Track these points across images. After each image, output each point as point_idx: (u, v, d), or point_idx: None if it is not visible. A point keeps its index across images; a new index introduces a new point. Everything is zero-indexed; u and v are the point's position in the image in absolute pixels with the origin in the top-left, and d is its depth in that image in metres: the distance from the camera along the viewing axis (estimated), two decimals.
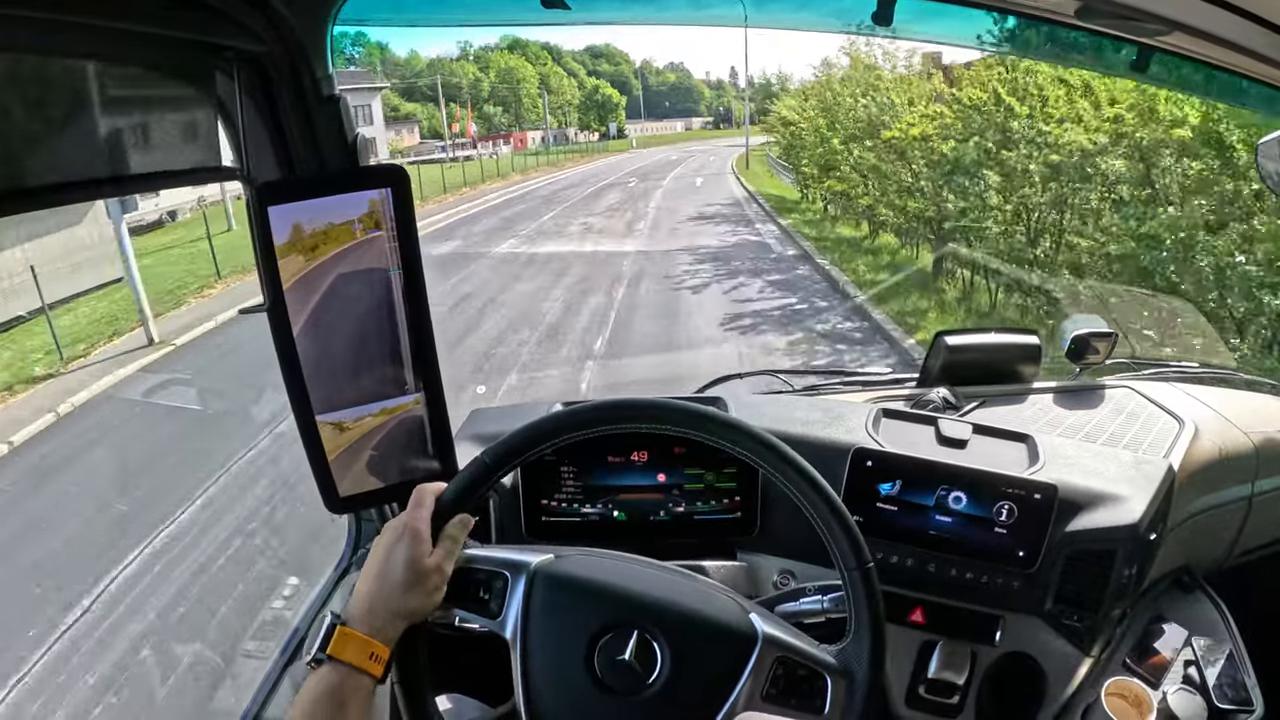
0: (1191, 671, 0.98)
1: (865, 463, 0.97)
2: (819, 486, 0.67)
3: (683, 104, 60.66)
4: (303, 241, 0.75)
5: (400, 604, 0.63)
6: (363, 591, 0.64)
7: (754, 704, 0.64)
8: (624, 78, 54.54)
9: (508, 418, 1.14)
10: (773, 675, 0.65)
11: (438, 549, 0.66)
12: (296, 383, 0.78)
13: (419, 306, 0.81)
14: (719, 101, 62.07)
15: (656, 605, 0.66)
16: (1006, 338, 1.23)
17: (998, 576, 0.94)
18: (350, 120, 0.80)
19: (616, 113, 51.43)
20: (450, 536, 0.67)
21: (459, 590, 0.67)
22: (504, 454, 0.69)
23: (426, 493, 0.69)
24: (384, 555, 0.65)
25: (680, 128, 57.18)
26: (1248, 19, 0.66)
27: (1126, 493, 0.95)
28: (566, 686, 0.64)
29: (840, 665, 0.65)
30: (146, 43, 0.64)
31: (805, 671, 0.65)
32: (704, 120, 60.09)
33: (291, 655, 0.95)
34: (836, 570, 0.68)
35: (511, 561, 0.68)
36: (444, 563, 0.66)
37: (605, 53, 53.55)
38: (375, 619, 0.62)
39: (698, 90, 62.24)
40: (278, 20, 0.73)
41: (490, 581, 0.68)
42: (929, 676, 0.96)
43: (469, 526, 0.69)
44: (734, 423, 0.69)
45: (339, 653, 0.60)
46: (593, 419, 0.70)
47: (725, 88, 63.76)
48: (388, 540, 0.66)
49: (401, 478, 0.85)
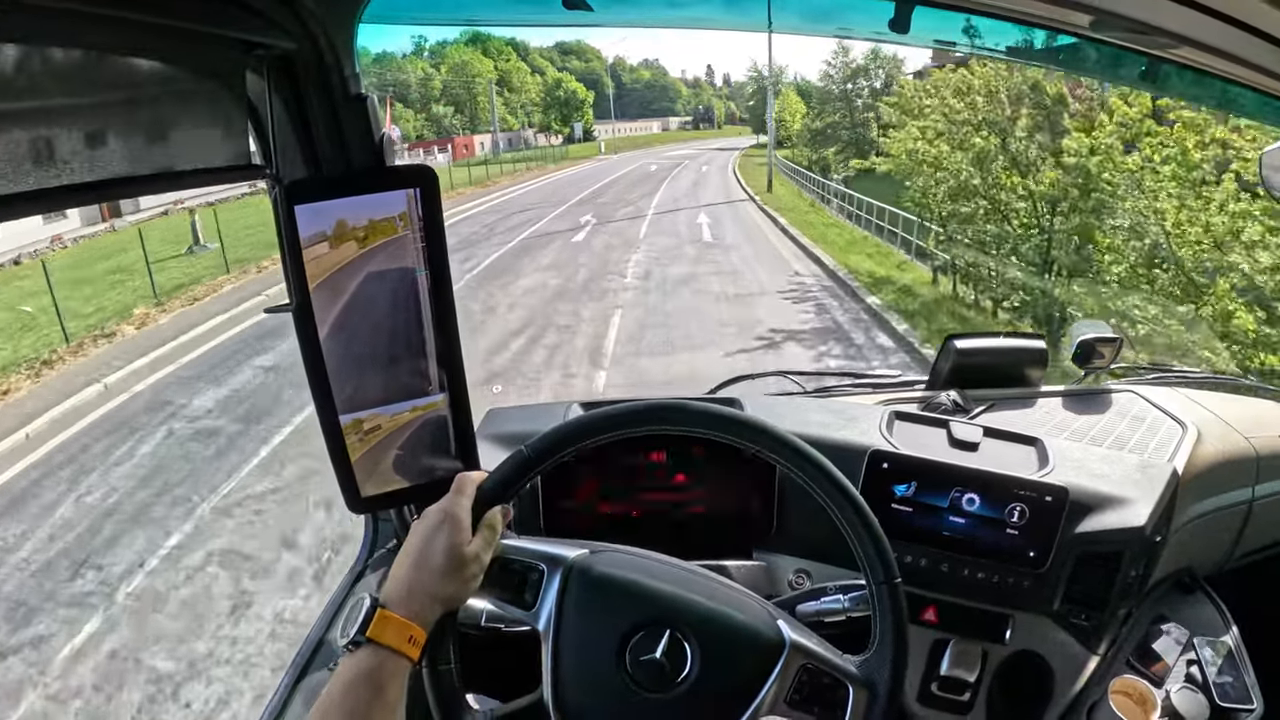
0: (1194, 670, 1.00)
1: (881, 464, 0.98)
2: (854, 500, 0.68)
3: (659, 103, 56.45)
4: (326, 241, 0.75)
5: (438, 589, 0.63)
6: (400, 575, 0.64)
7: (778, 709, 0.65)
8: (595, 75, 49.79)
9: (524, 417, 1.14)
10: (797, 682, 0.66)
11: (477, 537, 0.66)
12: (321, 382, 0.78)
13: (445, 307, 0.81)
14: (697, 100, 58.65)
15: (690, 607, 0.67)
16: (1014, 342, 1.25)
17: (1009, 577, 0.96)
18: (378, 119, 0.81)
19: (583, 111, 45.01)
20: (490, 525, 0.68)
21: (495, 580, 0.68)
22: (546, 448, 0.69)
23: (468, 481, 0.69)
24: (424, 540, 0.65)
25: (656, 128, 53.51)
26: (1253, 34, 0.69)
27: (1133, 495, 0.97)
28: (596, 681, 0.65)
29: (863, 676, 0.67)
30: (180, 40, 0.64)
31: (829, 680, 0.66)
32: (682, 120, 56.36)
33: (305, 664, 0.94)
34: (864, 580, 0.69)
35: (549, 555, 0.69)
36: (482, 551, 0.66)
37: (575, 49, 49.07)
38: (413, 603, 0.62)
39: (674, 88, 58.24)
40: (308, 17, 0.73)
41: (526, 573, 0.68)
42: (941, 674, 0.98)
43: (509, 517, 0.70)
44: (781, 434, 0.70)
45: (379, 635, 0.59)
46: (641, 419, 0.71)
47: (703, 86, 60.23)
48: (428, 525, 0.65)
49: (424, 479, 0.85)
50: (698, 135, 49.84)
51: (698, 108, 57.69)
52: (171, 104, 0.66)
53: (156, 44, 0.62)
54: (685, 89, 59.02)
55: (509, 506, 0.70)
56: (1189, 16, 0.69)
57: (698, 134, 51.31)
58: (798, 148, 25.45)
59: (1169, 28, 0.79)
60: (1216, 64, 0.87)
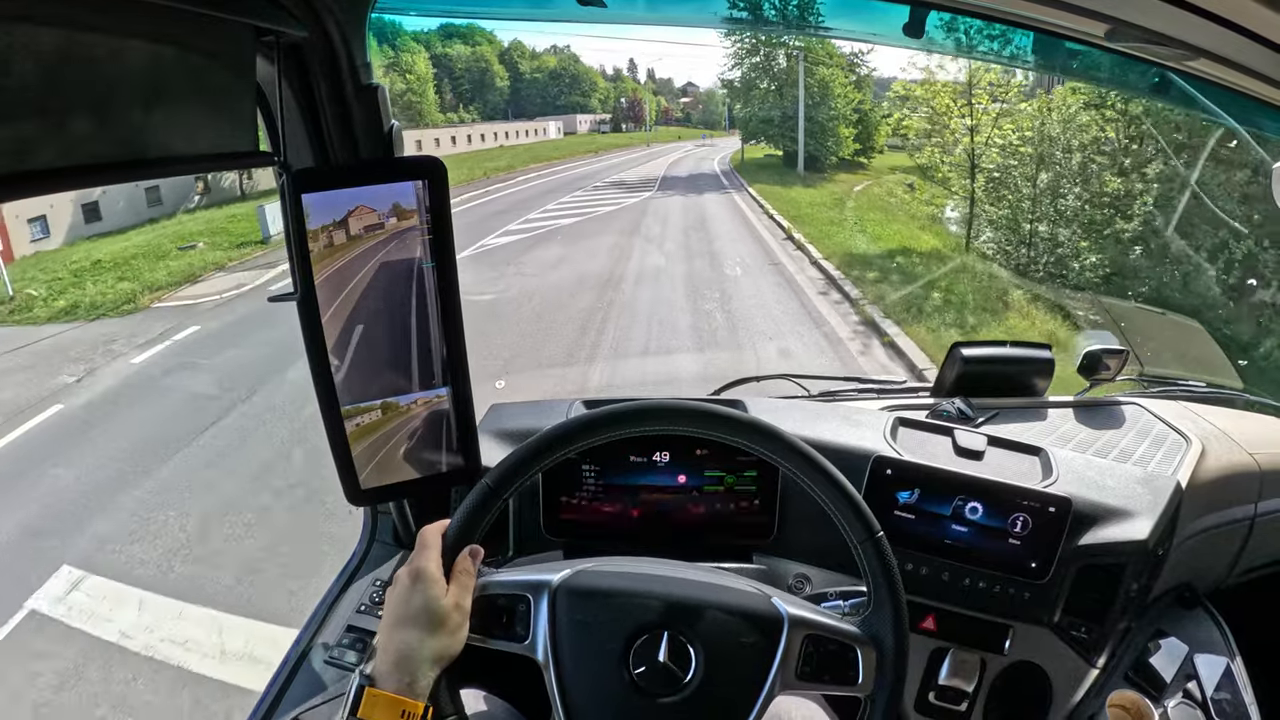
0: (1191, 686, 0.99)
1: (885, 471, 0.98)
2: (818, 464, 0.68)
3: (568, 96, 42.40)
4: (333, 231, 0.75)
5: (425, 650, 0.61)
6: (385, 645, 0.62)
7: (790, 685, 0.65)
8: (483, 63, 38.03)
9: (528, 413, 1.13)
10: (804, 654, 0.66)
11: (452, 587, 0.65)
12: (323, 372, 0.78)
13: (451, 300, 0.80)
14: (617, 93, 44.06)
15: (683, 605, 0.67)
16: (1021, 351, 1.24)
17: (1009, 587, 0.95)
18: (387, 109, 0.80)
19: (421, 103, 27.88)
20: (463, 571, 0.66)
21: (483, 621, 0.67)
22: (507, 474, 0.68)
23: (430, 533, 0.68)
24: (400, 604, 0.63)
25: (553, 131, 35.60)
26: (1270, 47, 0.68)
27: (1136, 509, 0.96)
28: (605, 697, 0.64)
29: (867, 635, 0.67)
30: (192, 25, 0.63)
31: (835, 646, 0.66)
32: (596, 119, 41.58)
33: (307, 645, 0.93)
34: (849, 546, 0.69)
35: (531, 583, 0.68)
36: (461, 599, 0.65)
37: (461, 32, 37.05)
38: (403, 672, 0.60)
39: (588, 79, 43.51)
40: (320, 6, 0.72)
41: (513, 606, 0.67)
42: (939, 683, 0.97)
43: (480, 557, 0.68)
44: (749, 420, 0.70)
45: (370, 716, 0.58)
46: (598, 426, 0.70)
47: (625, 80, 46.08)
48: (400, 590, 0.64)
49: (425, 472, 0.85)
50: (620, 141, 35.51)
51: (620, 101, 43.58)
52: (181, 90, 0.66)
53: (167, 29, 0.62)
54: (603, 81, 45.01)
55: (478, 547, 0.68)
56: (1208, 29, 0.69)
57: (620, 139, 36.79)
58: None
59: (1187, 39, 0.78)
60: (1232, 77, 0.87)
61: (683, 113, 46.12)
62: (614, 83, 45.95)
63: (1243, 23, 0.64)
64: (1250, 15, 0.62)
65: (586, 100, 43.19)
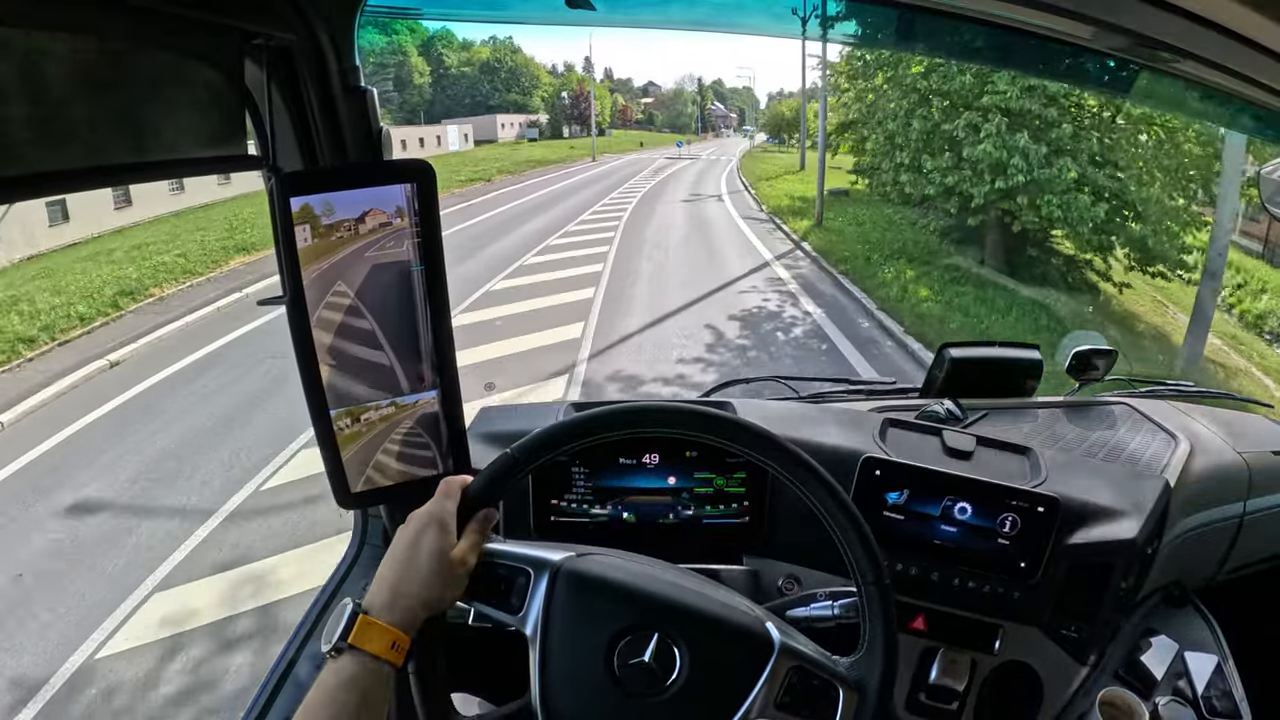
0: (1182, 683, 1.00)
1: (874, 471, 0.98)
2: (842, 502, 0.68)
3: (504, 94, 35.01)
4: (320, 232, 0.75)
5: (423, 594, 0.62)
6: (386, 579, 0.63)
7: (767, 711, 0.65)
8: (400, 55, 31.18)
9: (517, 416, 1.13)
10: (787, 684, 0.65)
11: (463, 541, 0.65)
12: (312, 376, 0.77)
13: (440, 303, 0.80)
14: (564, 87, 37.34)
15: (678, 609, 0.66)
16: (1009, 351, 1.25)
17: (999, 586, 0.96)
18: (376, 112, 0.80)
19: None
20: (476, 529, 0.67)
21: (481, 584, 0.67)
22: (533, 449, 0.68)
23: (454, 484, 0.68)
24: (409, 544, 0.64)
25: (453, 139, 24.93)
26: (1256, 50, 0.69)
27: (1125, 508, 0.97)
28: (584, 685, 0.64)
29: (853, 678, 0.66)
30: (180, 28, 0.63)
31: (818, 682, 0.66)
32: (526, 120, 34.77)
33: (289, 665, 0.93)
34: (853, 583, 0.68)
35: (535, 558, 0.68)
36: (468, 555, 0.65)
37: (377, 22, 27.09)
38: (397, 608, 0.61)
39: (529, 73, 36.65)
40: (308, 9, 0.72)
41: (513, 577, 0.67)
42: (929, 683, 0.98)
43: (494, 520, 0.69)
44: (770, 436, 0.69)
45: (361, 641, 0.59)
46: (632, 420, 0.70)
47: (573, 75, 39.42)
48: (413, 529, 0.65)
49: (415, 475, 0.85)
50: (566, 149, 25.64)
51: (564, 96, 37.03)
52: (169, 93, 0.65)
53: (155, 32, 0.62)
54: (548, 76, 38.60)
55: (494, 510, 0.69)
56: (1194, 31, 0.69)
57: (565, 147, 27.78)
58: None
59: (1173, 42, 0.79)
60: (1219, 80, 0.87)
61: (644, 114, 40.74)
62: (560, 78, 39.71)
63: (1227, 24, 0.64)
64: (1234, 18, 0.63)
65: (526, 99, 36.25)
